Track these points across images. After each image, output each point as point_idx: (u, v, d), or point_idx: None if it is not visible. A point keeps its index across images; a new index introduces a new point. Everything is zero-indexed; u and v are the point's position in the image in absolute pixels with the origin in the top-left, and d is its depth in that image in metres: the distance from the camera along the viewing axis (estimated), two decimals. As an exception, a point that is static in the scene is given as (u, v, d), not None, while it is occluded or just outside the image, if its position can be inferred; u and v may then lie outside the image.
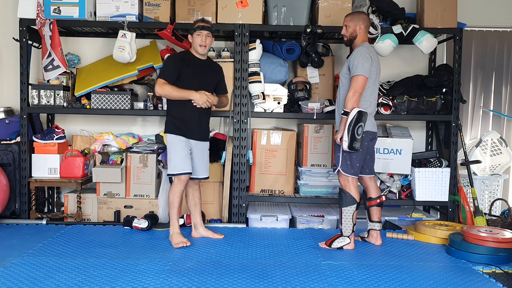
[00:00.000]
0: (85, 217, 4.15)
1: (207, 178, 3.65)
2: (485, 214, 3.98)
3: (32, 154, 4.07)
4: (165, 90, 3.38)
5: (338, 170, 3.36)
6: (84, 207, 4.13)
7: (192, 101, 3.41)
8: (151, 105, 4.13)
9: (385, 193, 4.14)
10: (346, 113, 3.23)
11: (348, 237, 3.39)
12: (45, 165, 4.05)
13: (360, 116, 3.20)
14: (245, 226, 4.00)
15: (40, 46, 4.25)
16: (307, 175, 4.19)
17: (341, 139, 3.24)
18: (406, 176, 4.19)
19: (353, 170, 3.33)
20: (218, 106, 3.65)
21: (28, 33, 4.04)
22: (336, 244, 3.40)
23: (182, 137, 3.43)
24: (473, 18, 4.50)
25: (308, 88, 4.08)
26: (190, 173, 3.45)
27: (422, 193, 4.08)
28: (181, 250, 3.29)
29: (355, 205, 3.35)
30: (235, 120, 4.02)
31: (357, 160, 3.33)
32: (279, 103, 4.11)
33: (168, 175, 3.59)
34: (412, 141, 4.13)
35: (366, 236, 3.59)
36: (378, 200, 3.52)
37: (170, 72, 3.42)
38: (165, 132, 3.53)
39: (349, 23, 3.41)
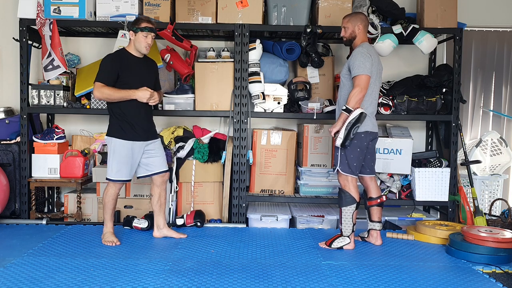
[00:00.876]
0: (85, 217, 4.15)
1: (168, 170, 3.60)
2: (485, 214, 3.98)
3: (32, 154, 4.06)
4: (104, 93, 3.26)
5: (338, 170, 3.37)
6: (84, 207, 4.13)
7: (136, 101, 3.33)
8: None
9: (385, 193, 4.14)
10: (348, 111, 3.23)
11: (348, 237, 3.39)
12: (45, 165, 4.05)
13: (360, 117, 3.21)
14: (245, 226, 4.00)
15: (40, 46, 4.24)
16: (307, 175, 4.19)
17: (335, 133, 3.26)
18: (406, 176, 4.19)
19: (350, 169, 3.34)
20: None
21: (28, 33, 4.04)
22: (336, 244, 3.40)
23: (127, 142, 3.36)
24: (473, 18, 4.50)
25: (308, 88, 4.08)
26: (126, 181, 3.45)
27: (422, 193, 4.08)
28: (181, 250, 3.29)
29: (354, 205, 3.35)
30: (235, 120, 4.02)
31: (355, 160, 3.33)
32: (279, 103, 4.11)
33: (106, 178, 3.47)
34: (412, 141, 4.13)
35: (366, 236, 3.59)
36: (379, 200, 3.52)
37: (108, 74, 3.29)
38: (108, 135, 3.40)
39: (347, 24, 3.42)
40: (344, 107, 3.26)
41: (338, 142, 3.25)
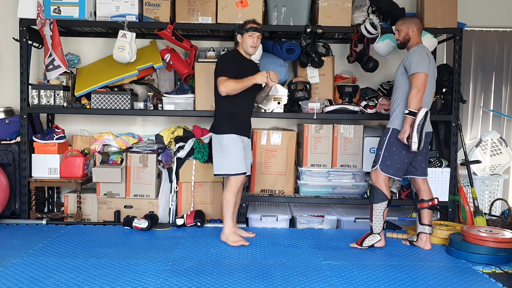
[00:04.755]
0: (85, 217, 4.15)
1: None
2: (485, 214, 3.98)
3: (32, 154, 4.06)
4: (229, 86, 3.38)
5: (377, 168, 3.34)
6: (84, 207, 4.13)
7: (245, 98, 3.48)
8: (151, 105, 4.13)
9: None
10: (413, 113, 3.17)
11: (379, 234, 3.37)
12: (45, 165, 4.05)
13: (426, 116, 3.19)
14: (245, 226, 4.00)
15: (40, 46, 4.25)
16: (307, 175, 4.19)
17: (407, 139, 3.19)
18: (406, 176, 4.19)
19: (391, 171, 3.31)
20: (266, 97, 3.79)
21: (28, 33, 4.04)
22: (367, 242, 3.39)
23: (239, 136, 3.48)
24: (473, 18, 4.50)
25: (308, 88, 4.08)
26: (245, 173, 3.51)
27: (422, 193, 4.08)
28: (181, 250, 3.29)
29: (386, 202, 3.33)
30: (235, 120, 4.01)
31: (399, 161, 3.30)
32: (279, 103, 4.10)
33: (223, 175, 3.54)
34: (412, 141, 4.13)
35: (415, 240, 3.50)
36: (430, 203, 3.44)
37: (229, 69, 3.43)
38: (217, 133, 3.50)
39: (401, 27, 3.44)
40: (407, 111, 3.19)
41: (414, 146, 3.16)
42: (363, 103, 4.06)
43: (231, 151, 3.44)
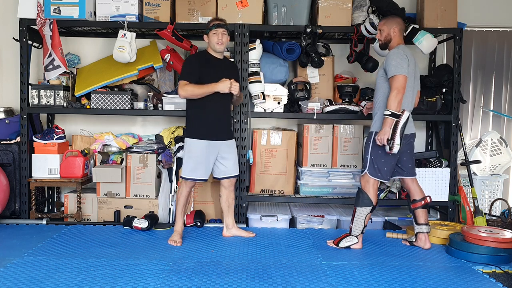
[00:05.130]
0: (85, 217, 4.15)
1: (238, 175, 3.66)
2: (485, 214, 3.98)
3: (32, 154, 4.06)
4: (187, 90, 3.36)
5: (366, 173, 3.33)
6: (84, 207, 4.13)
7: (212, 101, 3.41)
8: (151, 105, 4.13)
9: (385, 193, 4.14)
10: (395, 115, 3.15)
11: (356, 237, 3.38)
12: (45, 165, 4.05)
13: (408, 119, 3.19)
14: (245, 226, 4.00)
15: (40, 46, 4.25)
16: (307, 175, 4.19)
17: (387, 140, 3.17)
18: (406, 176, 4.19)
19: (380, 174, 3.30)
20: (237, 100, 3.69)
21: (28, 33, 4.04)
22: (344, 243, 3.40)
23: (204, 141, 3.44)
24: (473, 18, 4.50)
25: (308, 88, 4.08)
26: (203, 180, 3.51)
27: (422, 193, 4.08)
28: (181, 250, 3.29)
29: (370, 207, 3.33)
30: (235, 120, 4.02)
31: (386, 164, 3.29)
32: (279, 103, 4.11)
33: (180, 177, 3.61)
34: (412, 141, 4.13)
35: (414, 240, 3.50)
36: (423, 202, 3.44)
37: (191, 73, 3.41)
38: (186, 137, 3.52)
39: (383, 27, 3.42)
40: (389, 112, 3.16)
41: (396, 148, 3.16)
42: (363, 103, 4.06)
43: (190, 155, 3.47)
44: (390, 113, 3.16)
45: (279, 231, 3.88)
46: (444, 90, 4.12)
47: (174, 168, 4.02)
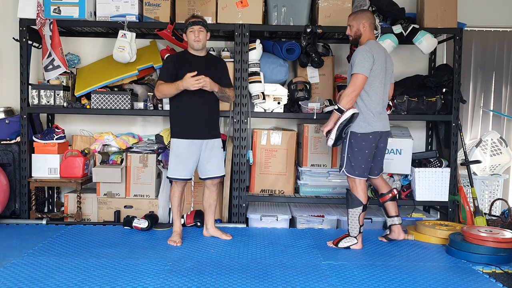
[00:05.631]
0: (85, 217, 4.15)
1: (222, 176, 3.61)
2: (485, 214, 3.98)
3: (32, 154, 4.06)
4: (159, 90, 3.39)
5: (343, 171, 3.36)
6: (84, 207, 4.13)
7: (190, 100, 3.38)
8: (151, 105, 4.13)
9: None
10: (340, 110, 3.20)
11: (355, 237, 3.38)
12: (45, 165, 4.05)
13: (352, 118, 3.20)
14: (245, 226, 4.00)
15: (40, 46, 4.25)
16: (307, 175, 4.19)
17: (327, 133, 3.26)
18: (406, 176, 4.19)
19: (357, 172, 3.32)
20: (221, 97, 3.51)
21: (28, 33, 4.04)
22: (343, 244, 3.40)
23: (184, 140, 3.42)
24: (473, 18, 4.50)
25: (308, 88, 4.08)
26: (187, 179, 3.50)
27: (422, 193, 4.08)
28: (181, 250, 3.29)
29: (361, 207, 3.34)
30: (235, 120, 4.02)
31: (363, 162, 3.31)
32: (279, 103, 4.11)
33: (166, 177, 3.61)
34: (412, 141, 4.13)
35: (388, 233, 3.58)
36: (390, 194, 3.53)
37: (166, 72, 3.43)
38: (170, 137, 3.53)
39: (352, 23, 3.39)
40: (336, 107, 3.23)
41: (330, 142, 3.26)
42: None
43: (173, 155, 3.47)
44: (337, 107, 3.22)
45: (279, 231, 3.88)
46: (444, 90, 4.12)
47: (174, 168, 4.01)
